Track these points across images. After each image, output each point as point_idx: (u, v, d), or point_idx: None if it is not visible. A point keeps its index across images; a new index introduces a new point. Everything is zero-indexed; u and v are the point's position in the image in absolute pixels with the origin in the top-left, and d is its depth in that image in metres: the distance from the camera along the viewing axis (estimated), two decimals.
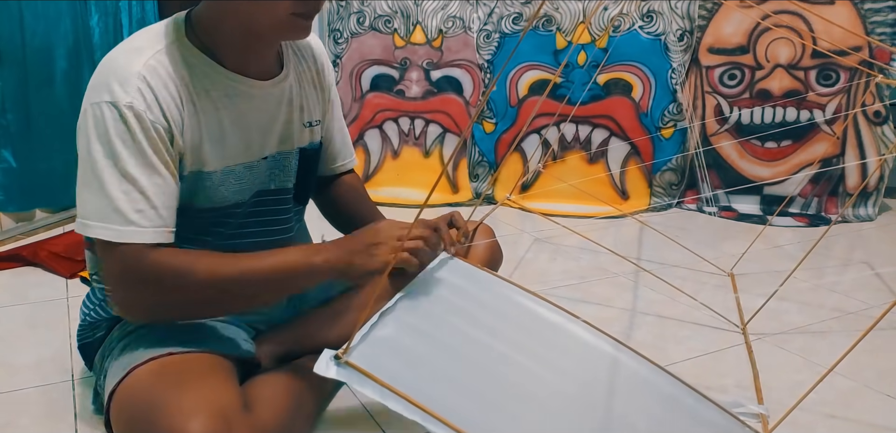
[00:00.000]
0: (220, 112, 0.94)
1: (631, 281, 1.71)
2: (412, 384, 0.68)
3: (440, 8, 2.46)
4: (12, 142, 1.98)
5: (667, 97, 2.44)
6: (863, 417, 1.10)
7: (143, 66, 0.87)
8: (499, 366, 0.80)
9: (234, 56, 0.94)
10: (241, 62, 0.95)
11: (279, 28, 0.91)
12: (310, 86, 1.09)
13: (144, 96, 0.86)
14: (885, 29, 2.24)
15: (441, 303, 0.87)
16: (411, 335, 0.77)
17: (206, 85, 0.92)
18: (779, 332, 1.41)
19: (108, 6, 2.19)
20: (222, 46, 0.93)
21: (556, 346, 0.88)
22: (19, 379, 1.19)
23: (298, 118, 1.06)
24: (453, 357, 0.78)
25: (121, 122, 0.85)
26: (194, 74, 0.91)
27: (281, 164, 1.05)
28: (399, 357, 0.73)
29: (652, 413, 0.83)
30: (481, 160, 2.48)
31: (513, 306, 0.94)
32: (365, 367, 0.69)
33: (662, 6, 2.36)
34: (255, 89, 0.97)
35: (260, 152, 1.00)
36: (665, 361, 1.28)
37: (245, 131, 0.97)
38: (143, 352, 0.92)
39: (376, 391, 0.69)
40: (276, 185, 1.06)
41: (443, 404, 0.67)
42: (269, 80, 0.99)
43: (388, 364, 0.70)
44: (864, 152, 2.33)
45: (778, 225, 2.25)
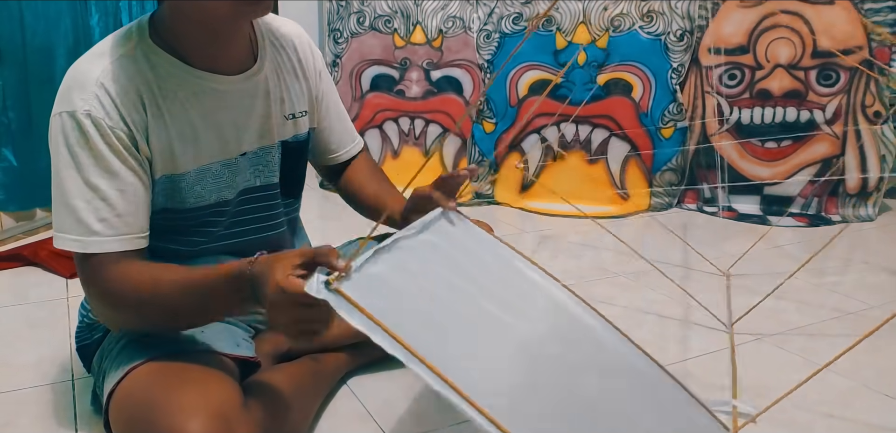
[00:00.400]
0: (188, 112, 0.92)
1: (631, 281, 1.71)
2: (397, 322, 0.69)
3: (440, 8, 2.46)
4: (13, 141, 1.98)
5: (667, 97, 2.44)
6: (861, 417, 1.10)
7: (101, 71, 0.87)
8: (481, 318, 0.81)
9: (200, 52, 0.92)
10: (208, 58, 0.93)
11: (232, 11, 0.87)
12: (291, 76, 1.06)
13: (102, 103, 0.85)
14: (886, 29, 2.24)
15: (433, 250, 0.86)
16: (401, 275, 0.77)
17: (172, 85, 0.91)
18: (779, 332, 1.41)
19: (108, 6, 2.19)
20: (186, 45, 0.92)
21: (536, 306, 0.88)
22: (19, 378, 1.19)
23: (278, 111, 1.03)
24: (439, 304, 0.78)
25: (78, 131, 0.85)
26: (159, 76, 0.90)
27: (263, 159, 1.03)
28: (387, 295, 0.73)
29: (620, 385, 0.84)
30: (481, 160, 2.48)
31: (501, 263, 0.94)
32: (355, 299, 0.69)
33: (662, 6, 2.36)
34: (224, 85, 0.95)
35: (237, 149, 0.98)
36: (665, 361, 1.27)
37: (218, 129, 0.95)
38: (141, 352, 0.91)
39: (362, 323, 0.69)
40: (261, 181, 1.04)
41: (425, 346, 0.67)
42: (241, 75, 0.97)
43: (376, 300, 0.70)
44: (865, 152, 2.33)
45: (778, 225, 2.25)
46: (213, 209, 0.98)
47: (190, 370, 0.88)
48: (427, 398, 1.14)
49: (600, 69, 2.37)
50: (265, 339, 1.11)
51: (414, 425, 1.07)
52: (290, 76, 1.06)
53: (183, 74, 0.92)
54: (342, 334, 1.16)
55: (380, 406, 1.11)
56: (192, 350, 0.93)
